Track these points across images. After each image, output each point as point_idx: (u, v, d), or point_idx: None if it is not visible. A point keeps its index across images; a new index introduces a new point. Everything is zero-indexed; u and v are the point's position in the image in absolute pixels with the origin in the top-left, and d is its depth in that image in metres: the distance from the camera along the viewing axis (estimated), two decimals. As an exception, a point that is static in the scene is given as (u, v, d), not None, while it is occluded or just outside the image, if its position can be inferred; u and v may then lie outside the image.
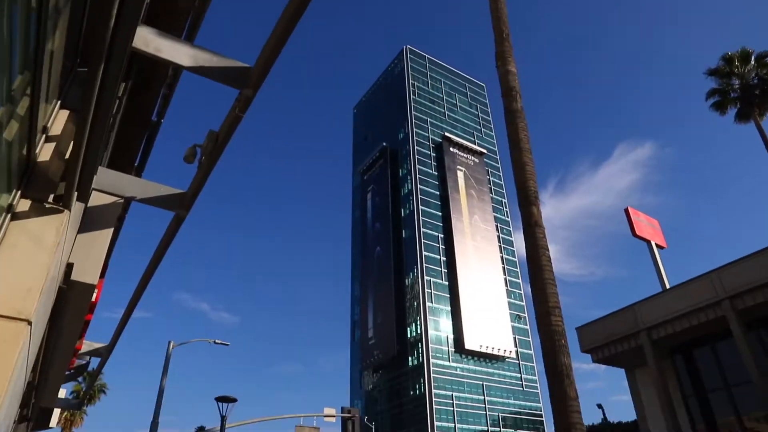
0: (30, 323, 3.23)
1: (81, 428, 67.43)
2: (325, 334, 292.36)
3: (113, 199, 6.43)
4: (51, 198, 4.25)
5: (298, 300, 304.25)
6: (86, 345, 10.99)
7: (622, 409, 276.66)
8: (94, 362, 12.62)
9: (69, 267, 5.89)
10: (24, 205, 4.07)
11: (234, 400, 17.23)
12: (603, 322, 37.68)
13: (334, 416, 31.41)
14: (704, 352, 33.22)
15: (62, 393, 15.56)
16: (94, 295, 7.45)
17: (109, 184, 6.46)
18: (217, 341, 27.14)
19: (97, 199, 6.33)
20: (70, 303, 7.30)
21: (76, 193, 4.48)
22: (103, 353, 11.11)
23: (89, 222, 6.07)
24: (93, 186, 5.77)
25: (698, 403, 33.54)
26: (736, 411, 31.34)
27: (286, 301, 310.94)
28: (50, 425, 17.82)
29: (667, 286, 35.90)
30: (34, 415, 13.21)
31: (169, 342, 23.76)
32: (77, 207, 4.93)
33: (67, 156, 4.37)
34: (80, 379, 41.80)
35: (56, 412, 17.43)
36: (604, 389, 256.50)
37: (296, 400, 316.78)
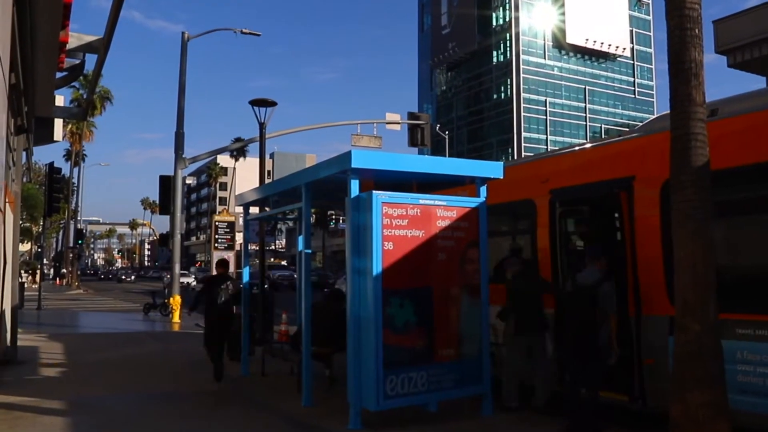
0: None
1: (92, 142, 71.86)
2: (371, 29, 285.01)
3: None
4: None
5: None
6: (75, 38, 10.75)
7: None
8: (90, 63, 12.54)
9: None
10: None
11: (273, 104, 17.58)
12: (753, 14, 35.34)
13: (398, 123, 31.96)
14: None
15: (60, 101, 16.12)
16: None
17: None
18: (244, 31, 27.34)
19: None
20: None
21: None
22: (99, 48, 10.88)
23: None
24: None
25: None
26: None
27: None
28: (54, 138, 18.96)
29: None
30: (31, 126, 13.74)
31: (183, 33, 24.04)
32: None
33: None
34: (78, 84, 43.52)
35: (58, 123, 18.42)
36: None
37: (338, 110, 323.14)
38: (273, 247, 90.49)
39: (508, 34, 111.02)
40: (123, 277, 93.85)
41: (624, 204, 8.44)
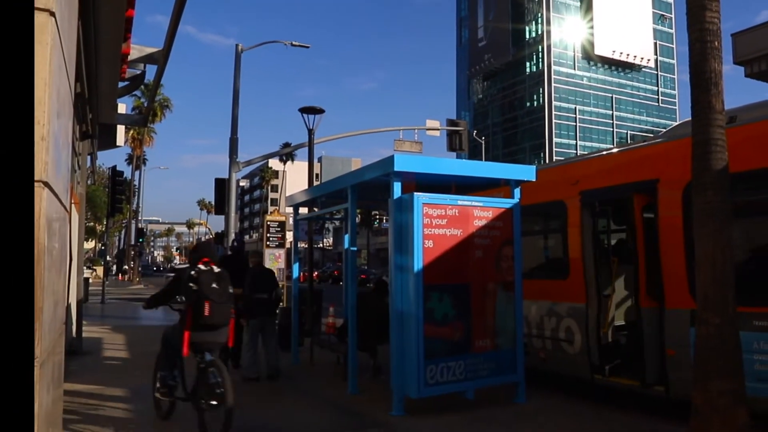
0: (53, 14, 2.98)
1: (152, 147, 72.04)
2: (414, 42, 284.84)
3: None
4: None
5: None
6: (136, 50, 10.68)
7: None
8: (150, 73, 12.60)
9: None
10: None
11: (321, 111, 17.58)
12: (771, 27, 34.90)
13: (438, 129, 31.91)
14: None
15: (122, 108, 16.16)
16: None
17: None
18: (294, 43, 27.33)
19: None
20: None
21: None
22: (159, 59, 10.88)
23: None
24: None
25: None
26: None
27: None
28: (117, 144, 19.07)
29: None
30: (95, 132, 13.84)
31: (237, 45, 24.05)
32: None
33: None
34: (139, 93, 43.72)
35: (120, 130, 18.45)
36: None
37: (379, 118, 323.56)
38: (321, 245, 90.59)
39: (540, 47, 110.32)
40: None
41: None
